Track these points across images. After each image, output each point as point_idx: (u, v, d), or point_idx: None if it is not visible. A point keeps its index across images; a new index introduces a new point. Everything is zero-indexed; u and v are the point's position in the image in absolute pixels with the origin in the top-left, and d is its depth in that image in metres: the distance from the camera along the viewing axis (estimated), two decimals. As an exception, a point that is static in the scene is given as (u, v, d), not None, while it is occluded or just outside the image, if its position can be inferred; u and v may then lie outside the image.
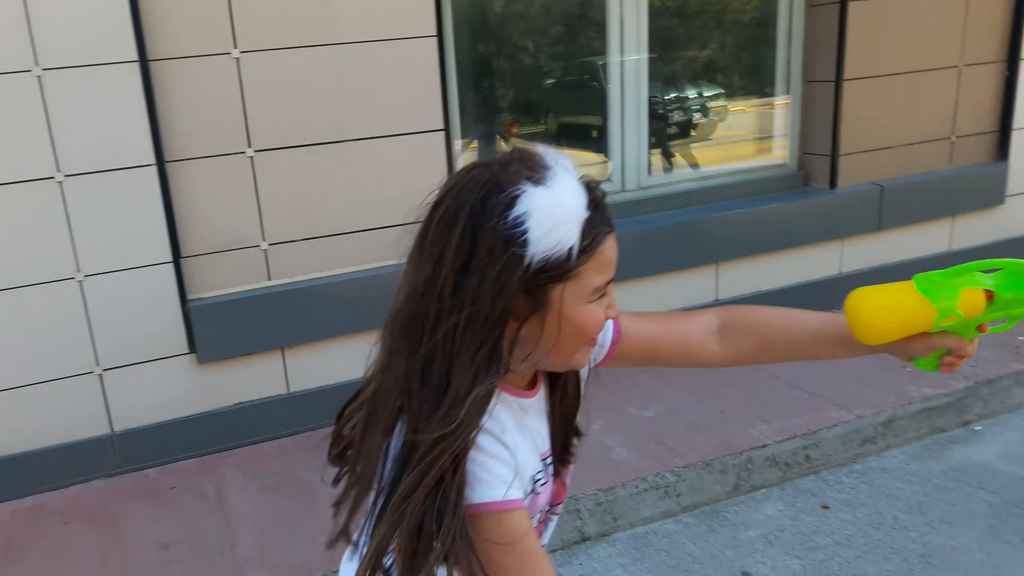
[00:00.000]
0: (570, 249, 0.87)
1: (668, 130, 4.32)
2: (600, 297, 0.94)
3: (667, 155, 4.27)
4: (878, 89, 4.07)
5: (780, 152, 4.33)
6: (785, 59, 4.19)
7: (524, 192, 0.86)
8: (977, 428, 3.27)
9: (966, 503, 2.75)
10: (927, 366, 1.07)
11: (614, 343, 1.14)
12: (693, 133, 4.42)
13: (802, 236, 4.06)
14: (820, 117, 4.12)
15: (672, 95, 4.35)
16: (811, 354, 1.15)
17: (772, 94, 4.29)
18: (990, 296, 0.98)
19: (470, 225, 0.86)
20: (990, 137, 4.37)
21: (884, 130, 4.15)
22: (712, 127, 4.45)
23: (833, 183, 4.11)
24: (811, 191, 4.18)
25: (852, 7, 3.90)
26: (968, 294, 0.97)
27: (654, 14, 3.85)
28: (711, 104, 4.45)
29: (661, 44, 3.99)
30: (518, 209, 0.85)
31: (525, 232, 0.85)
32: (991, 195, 4.40)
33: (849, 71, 3.97)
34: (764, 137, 4.42)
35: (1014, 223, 4.50)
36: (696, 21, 4.26)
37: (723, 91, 4.45)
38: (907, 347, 1.05)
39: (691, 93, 4.44)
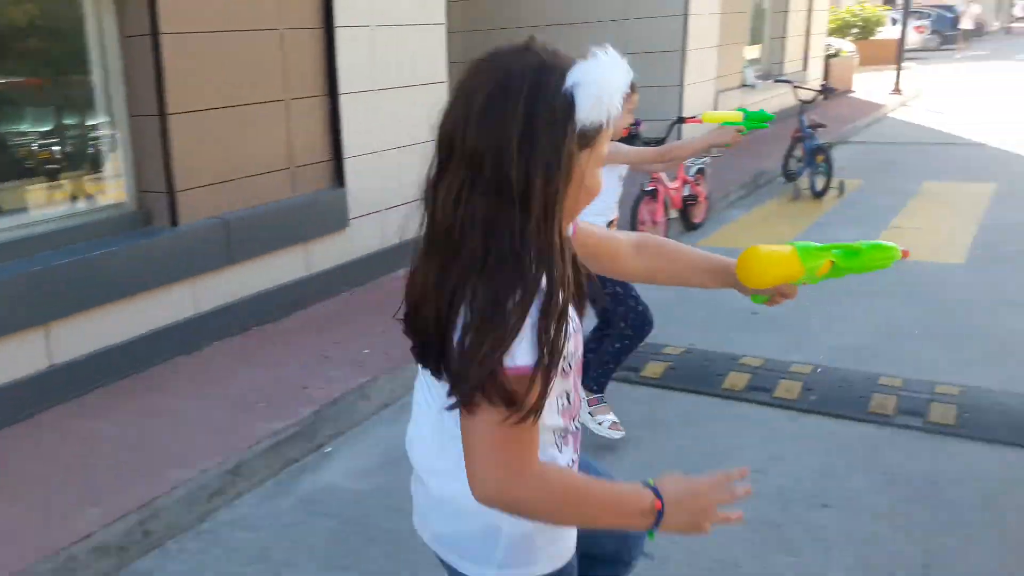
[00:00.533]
0: (605, 119, 1.03)
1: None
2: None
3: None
4: (209, 123, 4.00)
5: (116, 191, 3.98)
6: (105, 93, 3.85)
7: (576, 66, 1.02)
8: (328, 450, 3.40)
9: (307, 538, 2.80)
10: (761, 300, 1.44)
11: (574, 233, 1.26)
12: (11, 174, 3.80)
13: (149, 280, 3.79)
14: (151, 153, 3.88)
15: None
16: (693, 281, 1.47)
17: (100, 129, 3.92)
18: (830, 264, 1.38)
19: (529, 98, 1.00)
20: (326, 165, 4.67)
21: (223, 163, 4.10)
22: (35, 167, 3.89)
23: (175, 220, 3.93)
24: (153, 231, 3.93)
25: (165, 41, 3.74)
26: (826, 263, 1.36)
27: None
28: (35, 142, 3.88)
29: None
30: (571, 80, 1.00)
31: (575, 102, 1.00)
32: (335, 220, 4.71)
33: (173, 105, 3.82)
34: (97, 176, 4.02)
35: (360, 243, 4.90)
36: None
37: (46, 127, 3.91)
38: (756, 286, 1.39)
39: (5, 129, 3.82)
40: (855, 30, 21.38)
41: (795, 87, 7.78)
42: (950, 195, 7.41)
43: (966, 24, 26.50)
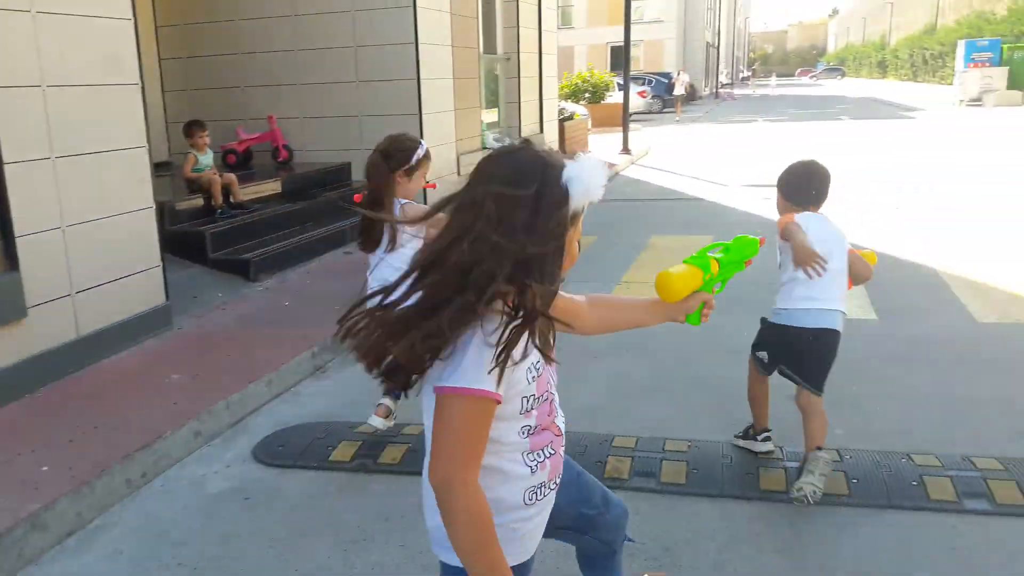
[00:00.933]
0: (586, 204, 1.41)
1: None
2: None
3: None
4: None
5: None
6: None
7: (568, 165, 1.40)
8: (-15, 604, 2.74)
9: None
10: (695, 320, 1.81)
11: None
12: None
13: None
14: None
15: None
16: (640, 321, 1.84)
17: None
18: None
19: (535, 187, 1.36)
20: (-7, 247, 3.95)
21: None
22: None
23: None
24: None
25: None
26: (712, 261, 1.78)
27: None
28: None
29: None
30: (566, 175, 1.38)
31: (569, 192, 1.37)
32: (7, 309, 3.97)
33: None
34: None
35: (42, 335, 4.18)
36: None
37: None
38: (685, 306, 1.77)
39: None
40: (587, 95, 23.01)
41: (528, 149, 8.00)
42: (675, 248, 7.89)
43: (679, 90, 29.42)
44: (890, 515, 3.01)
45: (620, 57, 19.74)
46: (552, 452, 1.58)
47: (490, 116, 12.16)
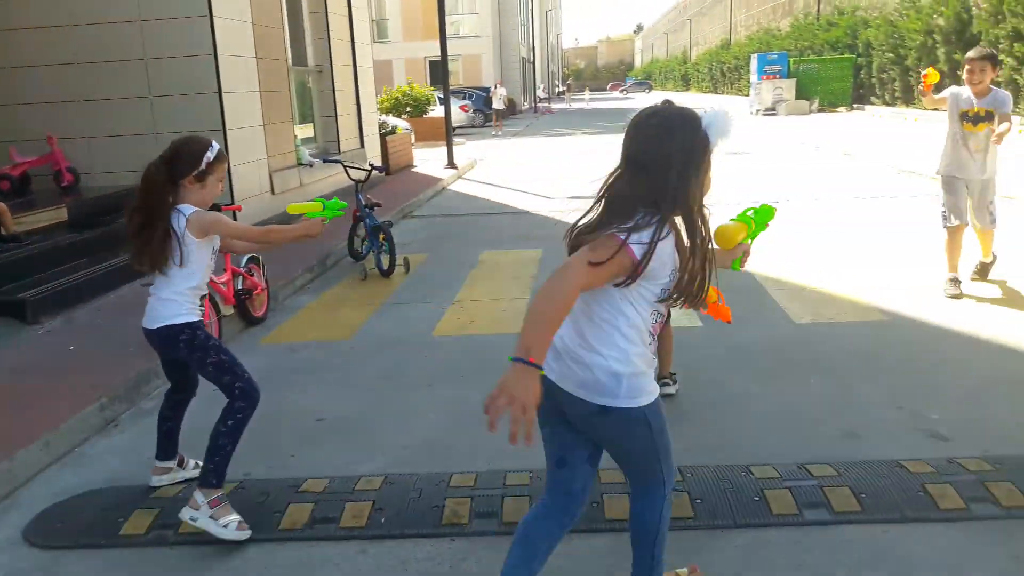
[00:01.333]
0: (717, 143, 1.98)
1: None
2: None
3: None
4: None
5: None
6: None
7: (704, 115, 1.95)
8: None
9: None
10: (737, 266, 2.32)
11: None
12: None
13: None
14: None
15: None
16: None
17: None
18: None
19: (686, 134, 1.94)
20: None
21: None
22: None
23: None
24: None
25: None
26: (750, 220, 2.27)
27: None
28: None
29: None
30: (705, 123, 1.94)
31: (708, 135, 1.95)
32: None
33: None
34: None
35: None
36: None
37: None
38: (732, 254, 2.32)
39: None
40: (409, 109, 22.71)
41: (346, 167, 7.61)
42: (505, 263, 7.77)
43: (498, 103, 29.69)
44: (736, 535, 2.92)
45: (439, 71, 19.63)
46: (654, 340, 2.13)
47: (305, 131, 11.59)
